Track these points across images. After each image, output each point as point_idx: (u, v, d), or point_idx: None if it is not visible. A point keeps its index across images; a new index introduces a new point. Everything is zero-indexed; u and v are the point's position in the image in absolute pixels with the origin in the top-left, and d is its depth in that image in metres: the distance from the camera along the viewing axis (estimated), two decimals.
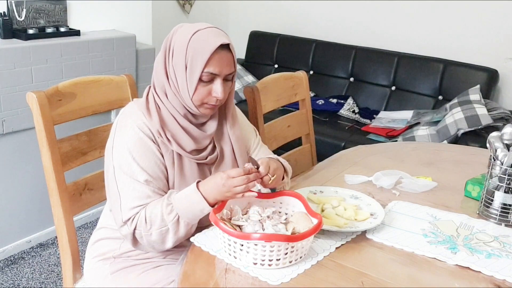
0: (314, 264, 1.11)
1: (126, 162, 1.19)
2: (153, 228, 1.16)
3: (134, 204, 1.18)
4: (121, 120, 1.25)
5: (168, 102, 1.24)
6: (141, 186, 1.19)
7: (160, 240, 1.18)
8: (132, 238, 1.20)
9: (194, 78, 1.18)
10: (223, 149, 1.33)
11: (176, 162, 1.25)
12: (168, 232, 1.17)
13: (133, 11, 2.90)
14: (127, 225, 1.18)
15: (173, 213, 1.16)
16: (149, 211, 1.17)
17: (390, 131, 3.02)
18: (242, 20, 4.14)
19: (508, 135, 1.38)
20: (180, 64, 1.19)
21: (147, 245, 1.20)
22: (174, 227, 1.16)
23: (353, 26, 3.64)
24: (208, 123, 1.30)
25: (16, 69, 2.17)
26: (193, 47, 1.17)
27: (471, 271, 1.12)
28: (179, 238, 1.19)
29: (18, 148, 2.29)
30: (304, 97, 2.08)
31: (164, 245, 1.19)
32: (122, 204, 1.19)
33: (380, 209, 1.34)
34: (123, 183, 1.19)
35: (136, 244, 1.21)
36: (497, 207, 1.35)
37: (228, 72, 1.21)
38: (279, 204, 1.25)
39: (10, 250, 2.36)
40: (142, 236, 1.18)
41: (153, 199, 1.19)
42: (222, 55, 1.18)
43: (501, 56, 3.13)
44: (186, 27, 1.22)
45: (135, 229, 1.18)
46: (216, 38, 1.17)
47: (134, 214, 1.18)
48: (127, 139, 1.21)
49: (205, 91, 1.20)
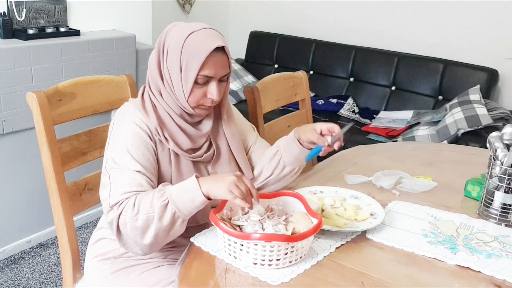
0: (314, 264, 1.11)
1: (120, 153, 1.17)
2: (140, 214, 1.09)
3: (125, 189, 1.14)
4: (118, 119, 1.25)
5: (164, 102, 1.23)
6: (133, 174, 1.15)
7: (144, 227, 1.10)
8: (116, 225, 1.12)
9: (189, 81, 1.18)
10: (219, 146, 1.33)
11: (173, 161, 1.25)
12: (153, 220, 1.09)
13: (133, 11, 2.90)
14: (113, 209, 1.13)
15: (163, 197, 1.10)
16: (139, 198, 1.12)
17: (390, 131, 3.02)
18: (242, 20, 4.14)
19: (508, 135, 1.37)
20: (174, 66, 1.18)
21: (130, 234, 1.11)
22: (160, 211, 1.09)
23: (353, 26, 3.64)
24: (204, 122, 1.29)
25: (16, 69, 2.17)
26: (188, 50, 1.16)
27: (471, 271, 1.12)
28: (162, 228, 1.10)
29: (18, 148, 2.29)
30: (304, 97, 2.08)
31: (145, 236, 1.11)
32: (111, 191, 1.14)
33: (380, 209, 1.34)
34: (115, 172, 1.16)
35: (119, 234, 1.13)
36: (497, 207, 1.35)
37: (223, 74, 1.20)
38: (279, 204, 1.25)
39: (10, 250, 2.36)
40: (127, 222, 1.10)
41: (145, 188, 1.15)
42: (217, 58, 1.17)
43: (501, 56, 3.13)
44: (181, 27, 1.20)
45: (121, 214, 1.11)
46: (211, 41, 1.16)
47: (124, 199, 1.13)
48: (124, 132, 1.20)
49: (201, 93, 1.20)
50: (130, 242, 1.14)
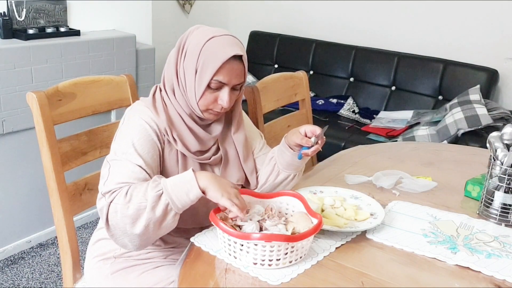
0: (314, 264, 1.11)
1: (125, 146, 1.17)
2: (132, 202, 1.07)
3: (121, 180, 1.12)
4: (128, 115, 1.25)
5: (175, 101, 1.24)
6: (134, 166, 1.14)
7: (135, 216, 1.07)
8: (106, 213, 1.10)
9: (203, 84, 1.18)
10: (227, 151, 1.33)
11: (180, 162, 1.25)
12: (144, 210, 1.06)
13: (133, 11, 2.90)
14: (104, 197, 1.11)
15: (157, 187, 1.08)
16: (133, 187, 1.10)
17: (390, 131, 3.02)
18: (242, 20, 4.14)
19: (508, 135, 1.38)
20: (190, 67, 1.19)
21: (120, 223, 1.08)
22: (153, 201, 1.06)
23: (353, 26, 3.65)
24: (213, 125, 1.30)
25: (16, 69, 2.17)
26: (206, 53, 1.16)
27: (471, 271, 1.12)
28: (154, 219, 1.07)
29: (18, 148, 2.29)
30: (304, 97, 2.08)
31: (135, 226, 1.08)
32: (107, 180, 1.13)
33: (380, 209, 1.34)
34: (115, 164, 1.16)
35: (108, 224, 1.11)
36: (497, 207, 1.35)
37: (237, 82, 1.20)
38: (279, 204, 1.25)
39: (10, 250, 2.36)
40: (118, 210, 1.08)
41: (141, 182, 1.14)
42: (233, 65, 1.17)
43: (501, 56, 3.13)
44: (203, 30, 1.21)
45: (112, 202, 1.09)
46: (230, 48, 1.17)
47: (117, 188, 1.11)
48: (131, 128, 1.20)
49: (212, 97, 1.20)
50: (119, 233, 1.11)
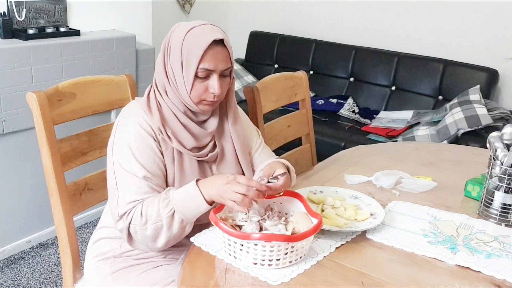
0: (314, 264, 1.11)
1: (125, 158, 1.19)
2: (149, 223, 1.14)
3: (132, 198, 1.17)
4: (122, 118, 1.26)
5: (169, 100, 1.24)
6: (139, 181, 1.18)
7: (154, 235, 1.16)
8: (127, 233, 1.18)
9: (190, 74, 1.19)
10: (224, 147, 1.33)
11: (176, 159, 1.25)
12: (162, 228, 1.15)
13: (133, 11, 2.90)
14: (122, 219, 1.17)
15: (168, 207, 1.14)
16: (146, 206, 1.16)
17: (390, 131, 3.02)
18: (242, 20, 4.14)
19: (508, 135, 1.38)
20: (176, 62, 1.20)
21: (141, 241, 1.17)
22: (168, 221, 1.14)
23: (353, 26, 3.64)
24: (209, 121, 1.30)
25: (16, 69, 2.17)
26: (188, 44, 1.18)
27: (471, 271, 1.12)
28: (172, 235, 1.16)
29: (18, 148, 2.29)
30: (304, 97, 2.07)
31: (156, 242, 1.17)
32: (119, 199, 1.18)
33: (380, 209, 1.34)
34: (122, 178, 1.19)
35: (131, 240, 1.20)
36: (497, 207, 1.35)
37: (223, 67, 1.21)
38: (279, 204, 1.25)
39: (10, 250, 2.36)
40: (137, 231, 1.16)
41: (150, 195, 1.19)
42: (216, 51, 1.18)
43: (501, 56, 3.13)
44: (183, 25, 1.23)
45: (130, 223, 1.16)
46: (209, 34, 1.18)
47: (131, 208, 1.17)
48: (128, 135, 1.21)
49: (202, 87, 1.20)
50: (143, 247, 1.21)
